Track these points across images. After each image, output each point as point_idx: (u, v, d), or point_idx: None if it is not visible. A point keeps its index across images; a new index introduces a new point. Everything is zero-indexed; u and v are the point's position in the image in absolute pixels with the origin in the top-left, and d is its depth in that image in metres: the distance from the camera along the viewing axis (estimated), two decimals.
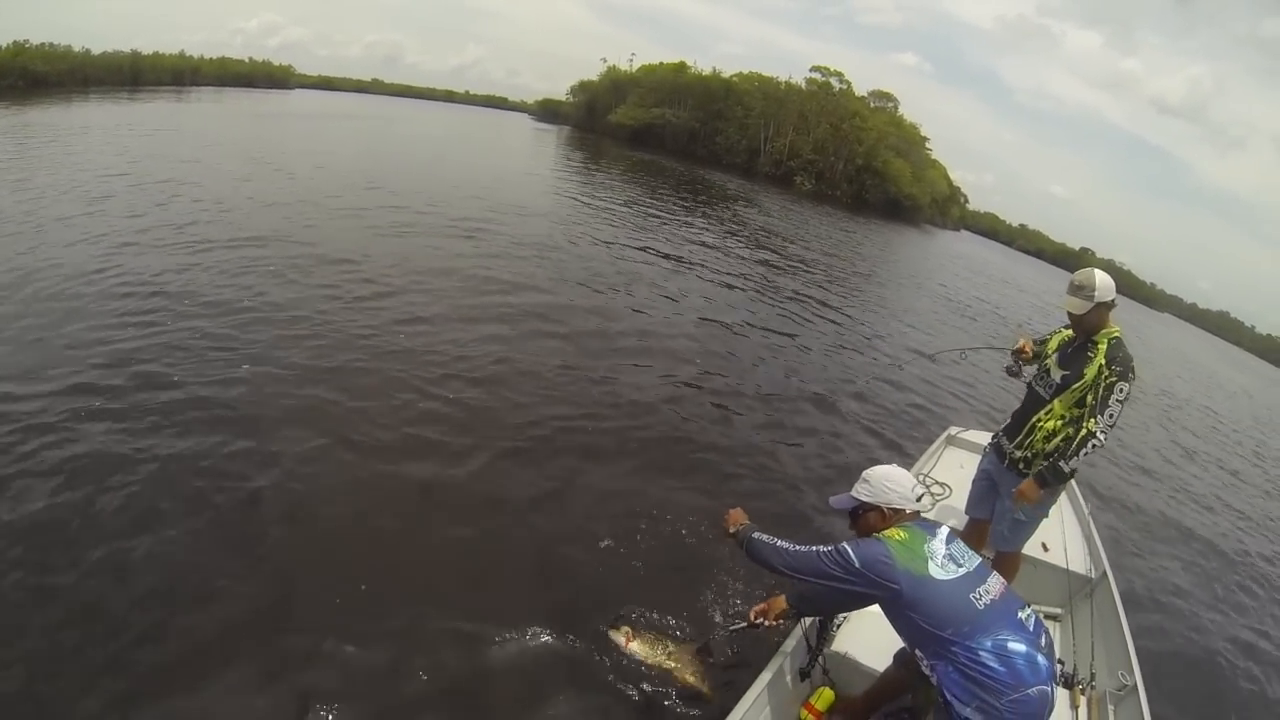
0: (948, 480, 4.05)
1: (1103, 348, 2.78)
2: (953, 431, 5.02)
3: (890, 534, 2.04)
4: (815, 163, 49.20)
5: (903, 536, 2.02)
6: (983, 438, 4.52)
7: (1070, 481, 3.34)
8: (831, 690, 2.54)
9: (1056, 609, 3.41)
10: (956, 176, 67.83)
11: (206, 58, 52.95)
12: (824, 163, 49.38)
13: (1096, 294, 2.76)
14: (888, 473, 2.20)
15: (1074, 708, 2.54)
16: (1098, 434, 2.68)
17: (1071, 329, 2.96)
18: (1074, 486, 4.11)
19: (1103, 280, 2.78)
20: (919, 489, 2.20)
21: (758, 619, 2.42)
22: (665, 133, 52.94)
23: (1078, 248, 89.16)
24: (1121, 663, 2.80)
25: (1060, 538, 3.52)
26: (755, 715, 2.30)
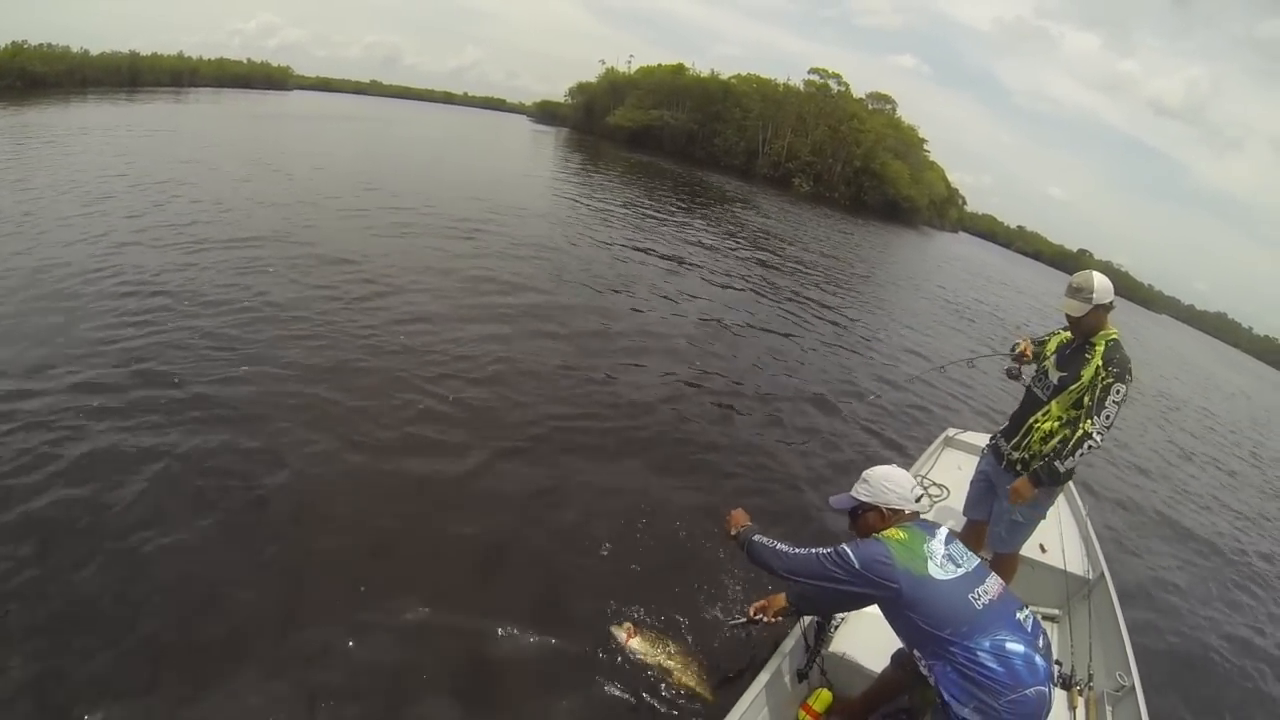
0: (945, 482, 4.06)
1: (1100, 349, 2.80)
2: (950, 433, 5.03)
3: (890, 534, 2.05)
4: (813, 164, 49.21)
5: (902, 536, 2.03)
6: (980, 439, 4.53)
7: (1068, 483, 3.35)
8: (829, 691, 2.55)
9: (1054, 610, 3.41)
10: (954, 178, 68.19)
11: (204, 59, 52.89)
12: (822, 164, 49.41)
13: (1095, 296, 2.77)
14: (887, 473, 2.22)
15: (1072, 709, 2.54)
16: (1094, 435, 2.69)
17: (1070, 331, 2.97)
18: (1071, 488, 4.12)
19: (1101, 282, 2.80)
20: (918, 490, 2.21)
21: (757, 615, 2.46)
22: (663, 134, 52.94)
23: (1076, 249, 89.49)
24: (1119, 663, 2.81)
25: (1058, 539, 3.52)
26: (753, 716, 2.31)
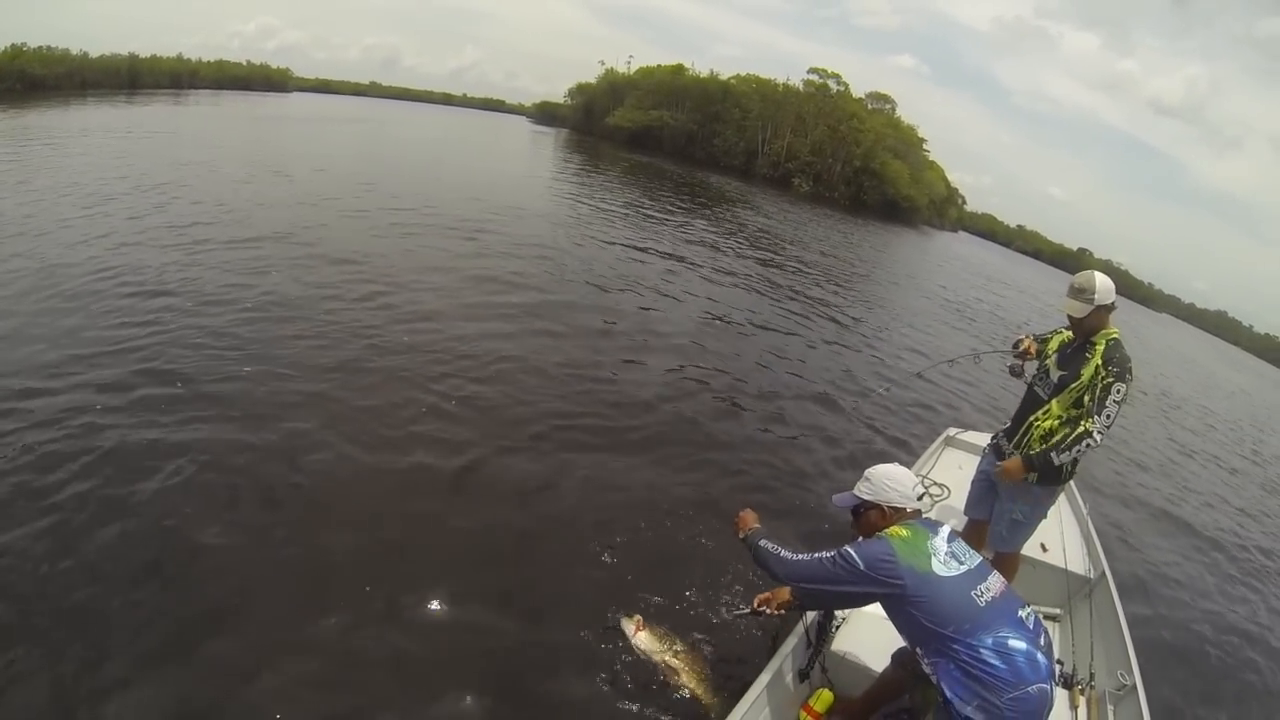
0: (946, 481, 4.06)
1: (1100, 348, 2.80)
2: (951, 433, 5.03)
3: (893, 532, 2.06)
4: (813, 165, 49.17)
5: (905, 534, 2.04)
6: (981, 439, 4.53)
7: (1069, 482, 3.35)
8: (830, 692, 2.55)
9: (1055, 609, 3.41)
10: (954, 178, 68.10)
11: (204, 61, 52.82)
12: (822, 164, 49.38)
13: (1097, 297, 2.78)
14: (889, 471, 2.22)
15: (1073, 708, 2.54)
16: (1094, 433, 2.69)
17: (1071, 330, 2.97)
18: (1072, 487, 4.12)
19: (1103, 283, 2.80)
20: (919, 488, 2.22)
21: (760, 607, 2.50)
22: (663, 135, 52.92)
23: (1075, 248, 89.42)
24: (1120, 662, 2.81)
25: (1059, 538, 3.52)
26: (754, 717, 2.31)
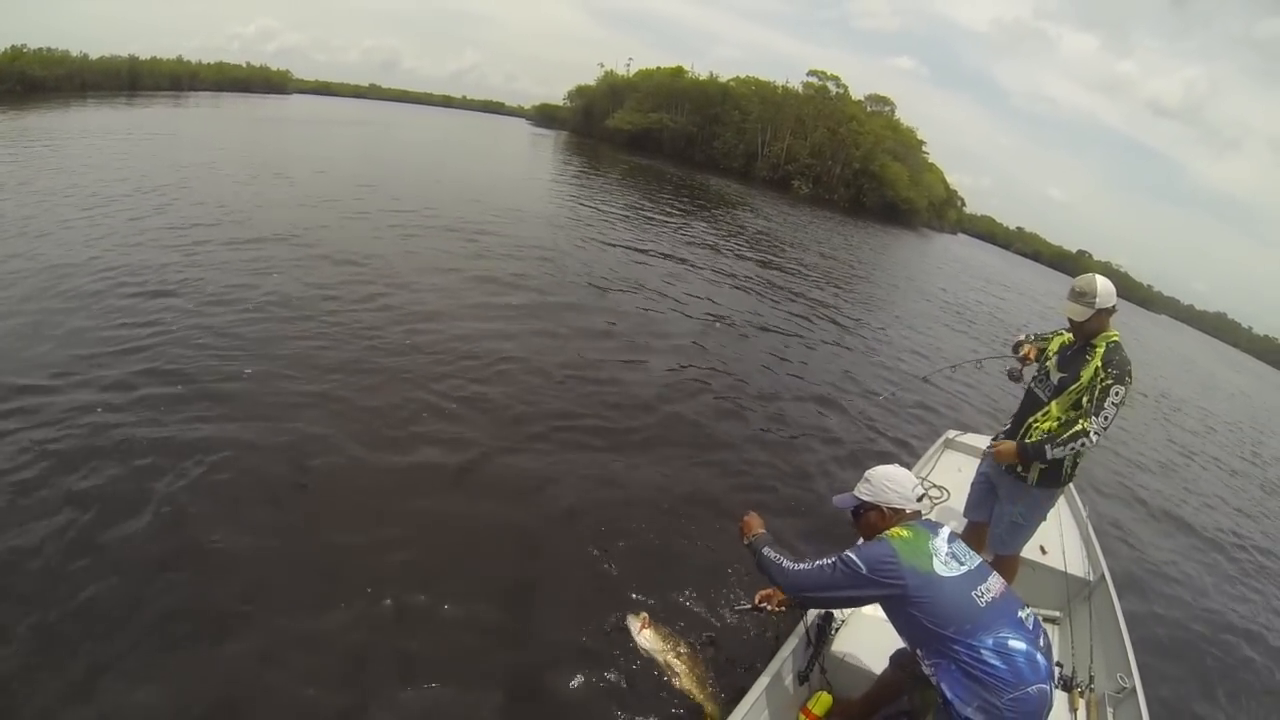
0: (946, 484, 4.05)
1: (1100, 350, 2.80)
2: (951, 435, 5.02)
3: (894, 533, 2.07)
4: (812, 167, 49.27)
5: (906, 535, 2.05)
6: (981, 441, 4.53)
7: (1069, 485, 3.35)
8: (829, 695, 2.54)
9: (1055, 612, 3.41)
10: (953, 180, 68.15)
11: (204, 63, 52.95)
12: (821, 167, 49.46)
13: (1098, 300, 2.77)
14: (888, 473, 2.23)
15: (1073, 710, 2.54)
16: (1091, 433, 2.69)
17: (1071, 333, 2.97)
18: (1072, 489, 4.12)
19: (1104, 287, 2.80)
20: (919, 489, 2.22)
21: (761, 603, 2.52)
22: (663, 137, 53.03)
23: (1075, 250, 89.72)
24: (1120, 665, 2.81)
25: (1058, 540, 3.52)
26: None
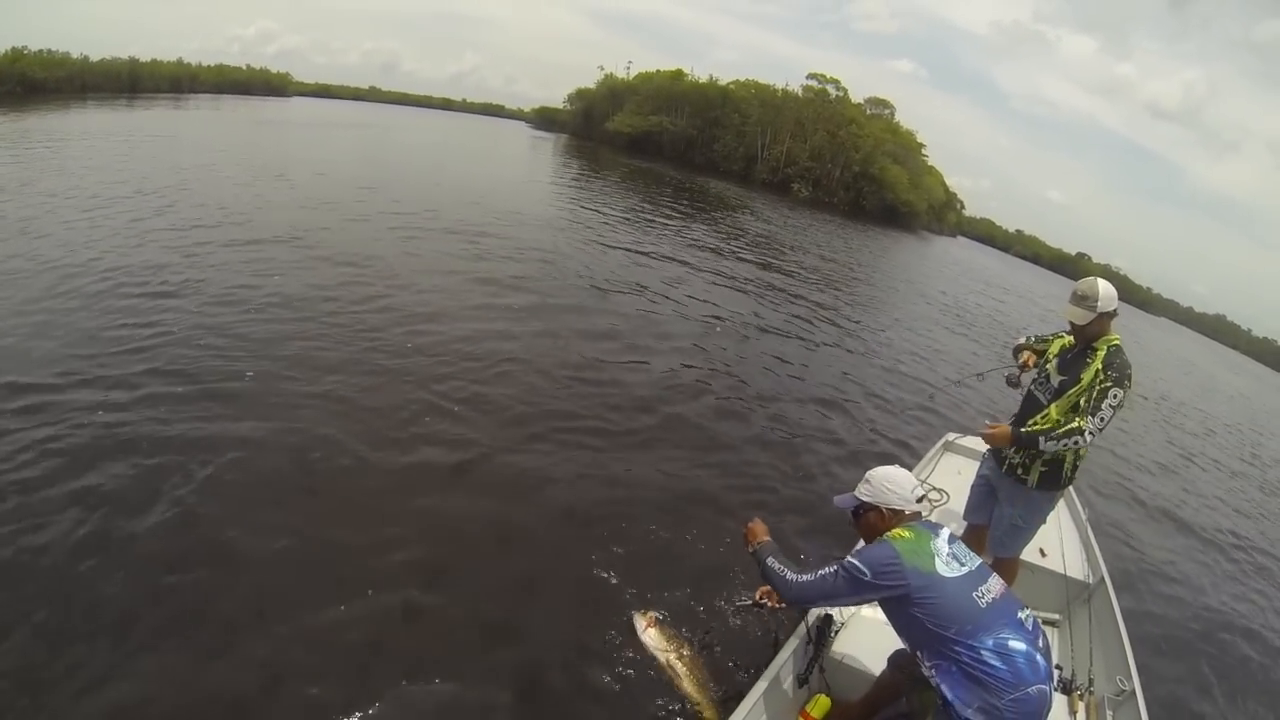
0: (945, 486, 4.05)
1: (1101, 353, 2.80)
2: (950, 438, 5.02)
3: (895, 534, 2.07)
4: (812, 170, 49.33)
5: (908, 536, 2.05)
6: (980, 444, 4.49)
7: (1069, 488, 3.35)
8: (828, 698, 2.54)
9: (1054, 614, 3.41)
10: (953, 182, 68.20)
11: (204, 65, 53.01)
12: (821, 170, 49.52)
13: (1100, 304, 2.77)
14: (888, 474, 2.23)
15: (1072, 713, 2.54)
16: (1086, 431, 2.68)
17: (1072, 336, 2.98)
18: (1072, 493, 4.12)
19: (1106, 290, 2.79)
20: (919, 490, 2.22)
21: (762, 599, 2.54)
22: (663, 140, 53.10)
23: (1074, 253, 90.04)
24: (1120, 668, 2.81)
25: (1058, 543, 3.52)
26: None
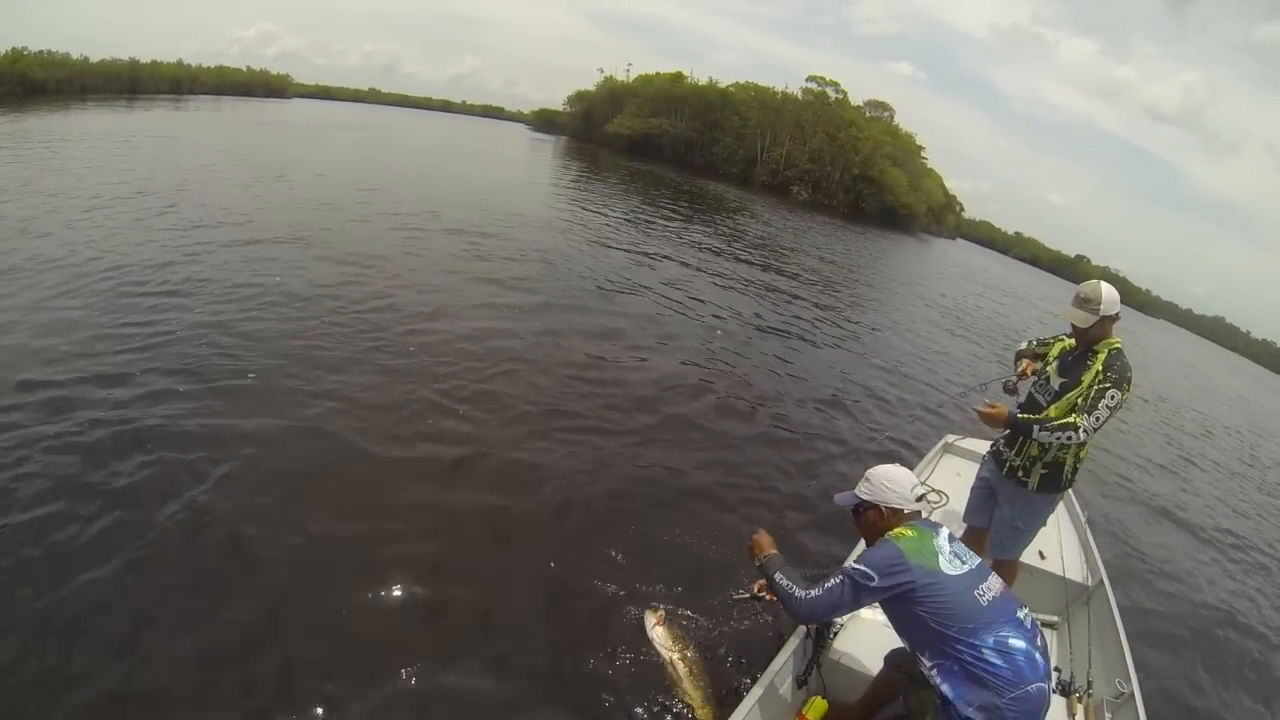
0: (945, 488, 4.05)
1: (1101, 356, 2.80)
2: (950, 439, 5.02)
3: (898, 533, 2.08)
4: (812, 172, 49.42)
5: (911, 534, 2.06)
6: (980, 446, 4.53)
7: (1068, 490, 3.35)
8: (824, 700, 2.53)
9: (1053, 617, 3.40)
10: (952, 185, 68.22)
11: (204, 66, 53.19)
12: (820, 172, 49.61)
13: (1102, 308, 2.76)
14: (888, 473, 2.23)
15: (1071, 715, 2.53)
16: (1080, 429, 2.68)
17: (1073, 339, 2.98)
18: (1071, 495, 4.12)
19: (1109, 294, 2.79)
20: (919, 489, 2.22)
21: (760, 592, 2.52)
22: (662, 142, 53.20)
23: (1073, 255, 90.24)
24: (1118, 670, 2.81)
25: (1057, 546, 3.52)
26: None
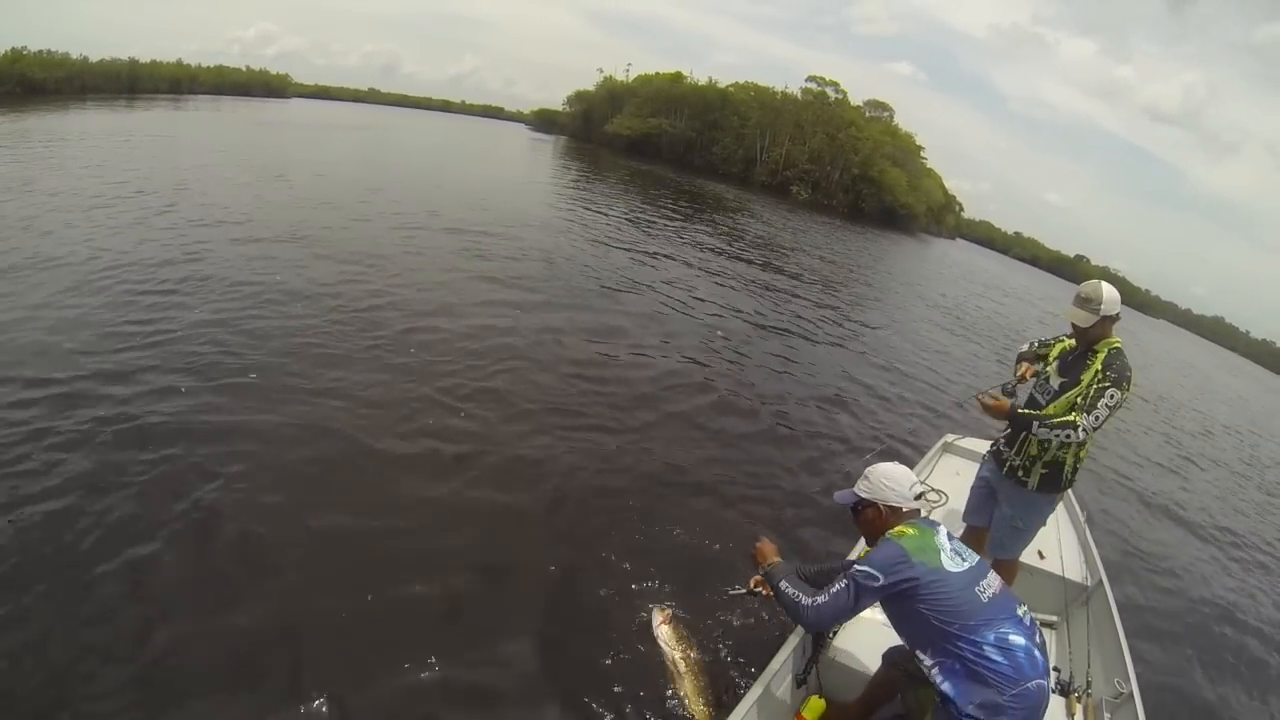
0: (944, 487, 4.04)
1: (1101, 355, 2.80)
2: (949, 439, 5.02)
3: (899, 532, 2.08)
4: (811, 172, 49.41)
5: (912, 533, 2.06)
6: (979, 445, 4.53)
7: (1068, 490, 3.35)
8: (821, 699, 2.53)
9: (1052, 616, 3.40)
10: (952, 185, 68.31)
11: (203, 66, 53.13)
12: (820, 172, 49.61)
13: (1103, 308, 2.76)
14: (887, 471, 2.24)
15: (1070, 715, 2.53)
16: (1079, 427, 2.68)
17: (1074, 339, 2.98)
18: (1071, 495, 4.12)
19: (1109, 294, 2.79)
20: (917, 488, 2.22)
21: (756, 588, 2.52)
22: (662, 142, 53.19)
23: (1073, 255, 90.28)
24: (1117, 670, 2.81)
25: (1056, 545, 3.52)
26: None
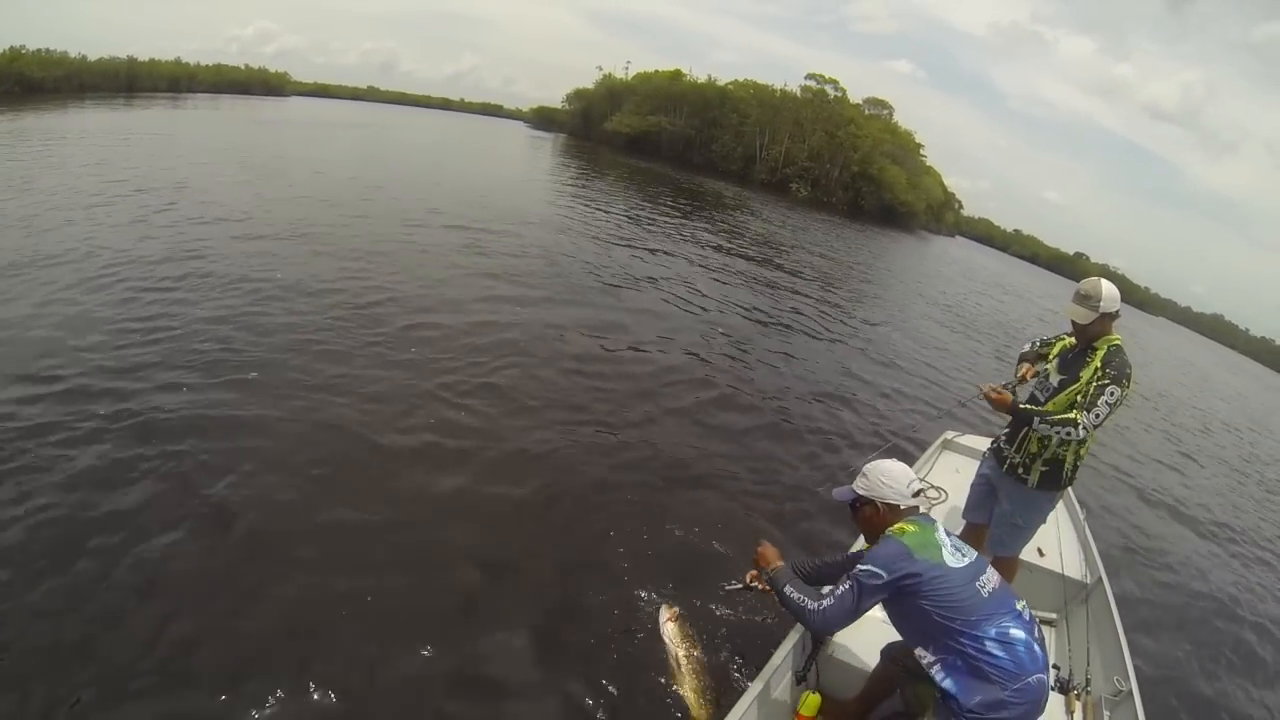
0: (943, 484, 4.03)
1: (1101, 353, 2.81)
2: (949, 436, 5.01)
3: (899, 529, 2.08)
4: (811, 170, 49.36)
5: (913, 529, 2.07)
6: (979, 442, 4.53)
7: (1068, 489, 3.35)
8: (817, 695, 2.52)
9: (1052, 614, 3.40)
10: (951, 182, 68.30)
11: (202, 65, 52.76)
12: (819, 170, 49.55)
13: (1102, 305, 2.77)
14: (885, 468, 2.24)
15: (1069, 713, 2.52)
16: (1080, 425, 2.68)
17: (1074, 336, 2.98)
18: (1070, 493, 4.11)
19: (1109, 291, 2.79)
20: (916, 485, 2.22)
21: (752, 583, 2.53)
22: (661, 140, 53.09)
23: (1072, 252, 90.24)
24: (1117, 668, 2.81)
25: (1056, 543, 3.52)
26: None
